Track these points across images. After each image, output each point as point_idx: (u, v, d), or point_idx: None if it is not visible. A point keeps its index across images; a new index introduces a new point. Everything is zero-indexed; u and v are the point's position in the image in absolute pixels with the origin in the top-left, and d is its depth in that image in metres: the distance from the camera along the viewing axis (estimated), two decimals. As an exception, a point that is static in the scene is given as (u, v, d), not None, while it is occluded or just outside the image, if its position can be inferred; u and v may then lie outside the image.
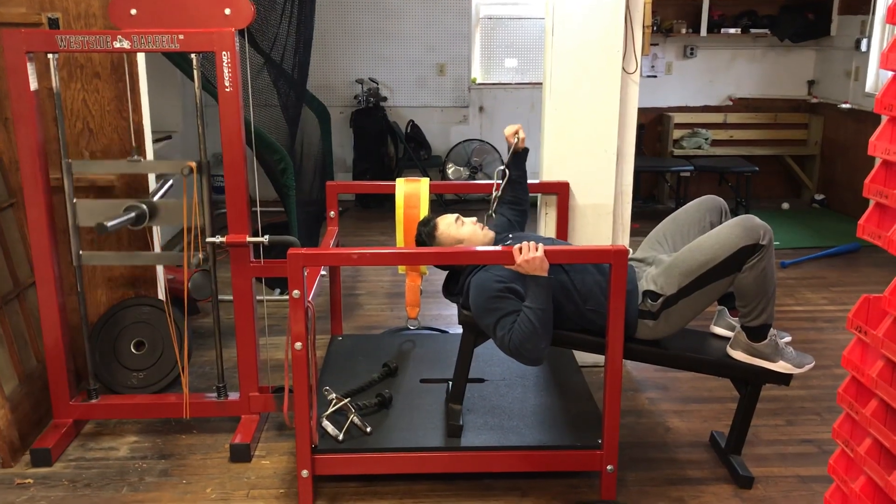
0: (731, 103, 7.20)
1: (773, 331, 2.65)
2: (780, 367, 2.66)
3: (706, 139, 7.03)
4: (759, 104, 7.19)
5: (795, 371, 2.67)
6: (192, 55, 2.84)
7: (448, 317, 4.31)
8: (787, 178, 7.32)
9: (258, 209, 3.07)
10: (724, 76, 7.14)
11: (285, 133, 4.80)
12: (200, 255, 2.94)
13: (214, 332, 3.06)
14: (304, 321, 2.47)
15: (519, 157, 3.16)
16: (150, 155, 3.37)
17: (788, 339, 2.85)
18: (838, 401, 1.59)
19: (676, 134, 7.09)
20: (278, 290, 4.62)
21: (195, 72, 2.84)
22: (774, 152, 7.11)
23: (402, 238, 3.33)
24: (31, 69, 2.79)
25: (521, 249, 2.46)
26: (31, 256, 2.98)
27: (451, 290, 2.86)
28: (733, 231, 2.54)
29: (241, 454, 2.93)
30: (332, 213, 3.52)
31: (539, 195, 3.58)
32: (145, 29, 2.77)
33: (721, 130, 7.14)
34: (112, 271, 3.41)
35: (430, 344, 3.52)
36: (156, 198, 3.10)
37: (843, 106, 6.54)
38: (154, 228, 3.41)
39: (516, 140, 3.10)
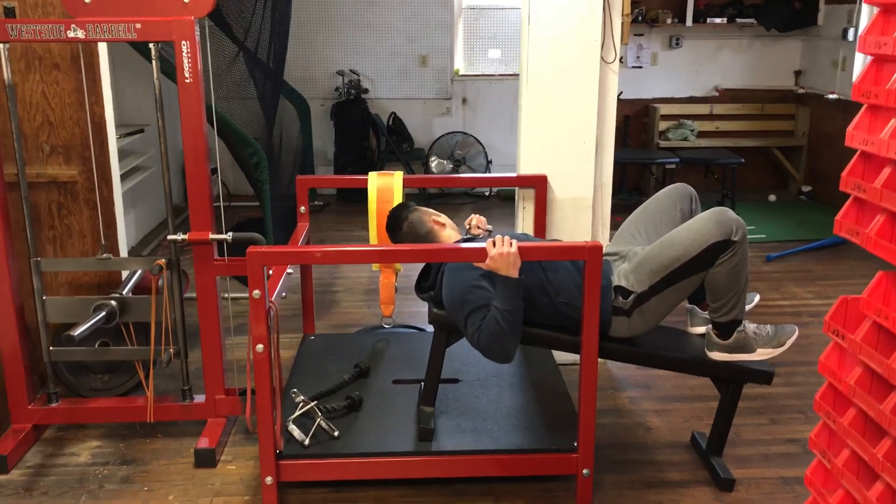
0: (717, 94, 7.12)
1: (741, 325, 2.56)
2: (760, 354, 2.57)
3: (692, 130, 6.95)
4: (746, 95, 7.11)
5: (778, 351, 2.57)
6: (151, 45, 2.73)
7: (425, 314, 4.19)
8: (773, 169, 7.24)
9: (222, 204, 2.95)
10: (710, 67, 7.05)
11: (261, 126, 4.69)
12: (171, 351, 2.88)
13: (179, 332, 2.95)
14: (265, 322, 2.37)
15: None
16: (114, 150, 3.24)
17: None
18: (815, 408, 1.50)
19: (662, 125, 7.00)
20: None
21: (153, 62, 2.73)
22: (761, 144, 7.03)
23: (375, 234, 3.22)
24: (-19, 60, 2.67)
25: (494, 243, 2.37)
26: (-14, 256, 2.87)
27: (423, 285, 2.77)
28: (704, 226, 2.45)
29: (206, 459, 2.83)
30: (303, 208, 3.40)
31: (516, 189, 3.48)
32: (101, 18, 2.65)
33: (707, 122, 7.05)
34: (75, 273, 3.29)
35: (404, 343, 3.42)
36: (126, 290, 3.02)
37: (830, 96, 6.46)
38: (119, 227, 3.29)
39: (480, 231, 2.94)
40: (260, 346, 2.39)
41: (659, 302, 2.54)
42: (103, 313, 2.85)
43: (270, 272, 2.70)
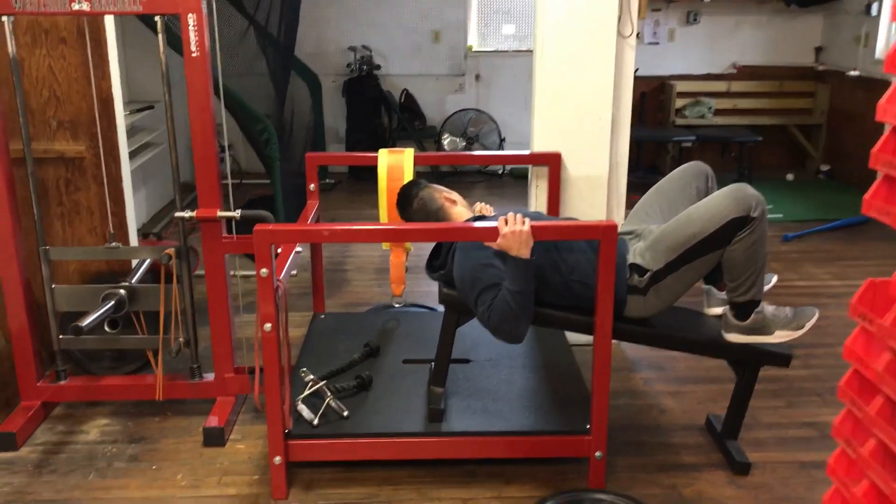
0: (735, 71, 6.99)
1: (759, 306, 2.50)
2: (778, 337, 2.51)
3: (709, 108, 6.84)
4: (764, 72, 6.98)
5: (797, 334, 2.51)
6: (157, 17, 2.67)
7: (435, 293, 4.14)
8: (791, 148, 7.13)
9: (230, 181, 2.91)
10: (728, 43, 6.92)
11: (272, 102, 4.64)
12: (181, 341, 2.86)
13: (187, 310, 2.92)
14: (273, 301, 2.33)
15: None
16: (122, 126, 3.20)
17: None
18: (839, 395, 1.44)
19: (679, 103, 6.89)
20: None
21: (159, 35, 2.68)
22: (779, 122, 6.91)
23: (386, 212, 3.17)
24: (-15, 33, 2.63)
25: (506, 220, 2.31)
26: (-7, 232, 2.84)
27: (434, 264, 2.72)
28: (723, 202, 2.39)
29: (214, 438, 2.81)
30: (313, 185, 3.35)
31: (530, 167, 3.42)
32: (106, -11, 2.60)
33: (725, 99, 6.94)
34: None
35: (415, 322, 3.38)
36: (135, 278, 2.99)
37: (852, 73, 6.33)
38: (127, 204, 3.26)
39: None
40: (268, 325, 2.35)
41: (675, 280, 2.48)
42: (112, 302, 2.82)
43: (279, 250, 2.66)
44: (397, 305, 3.53)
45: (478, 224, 2.46)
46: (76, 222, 3.20)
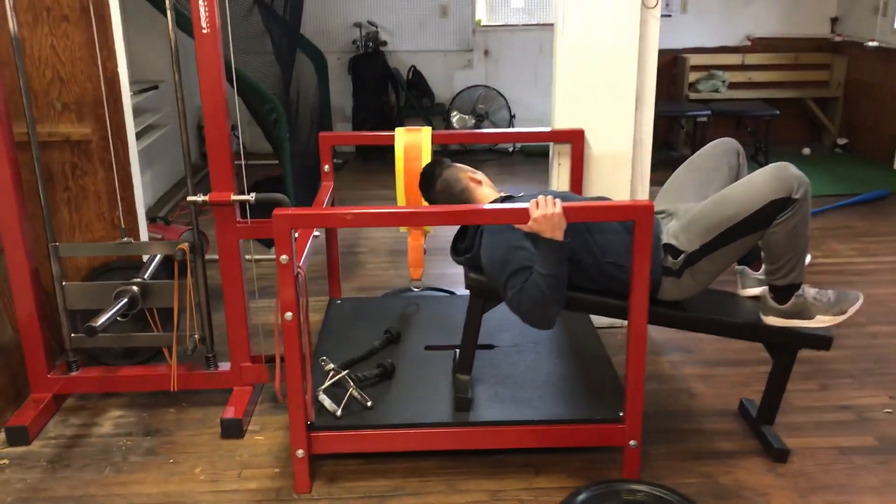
0: (749, 43, 6.84)
1: (799, 289, 2.40)
2: (819, 321, 2.41)
3: (723, 82, 6.70)
4: (780, 44, 6.83)
5: (839, 319, 2.42)
6: (165, -7, 2.55)
7: (455, 276, 4.05)
8: (808, 121, 6.99)
9: (243, 162, 2.79)
10: (742, 14, 6.76)
11: (279, 81, 4.51)
12: (197, 337, 2.76)
13: (201, 296, 2.82)
14: (293, 288, 2.23)
15: None
16: (128, 107, 3.08)
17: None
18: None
19: (692, 77, 6.75)
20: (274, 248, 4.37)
21: (168, 13, 2.56)
22: (795, 95, 6.77)
23: (403, 194, 3.06)
24: (-15, 11, 2.51)
25: (537, 204, 2.20)
26: (-1, 219, 2.73)
27: (459, 248, 2.61)
28: (763, 181, 2.28)
29: (232, 430, 2.72)
30: (327, 167, 3.24)
31: (551, 144, 3.30)
32: (110, -37, 2.48)
33: (739, 72, 6.80)
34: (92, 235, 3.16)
35: (435, 307, 3.28)
36: (147, 274, 2.87)
37: (870, 44, 6.18)
38: (136, 188, 3.15)
39: None
40: (289, 314, 2.25)
41: (710, 262, 2.37)
42: (125, 300, 2.72)
43: (296, 235, 2.55)
44: (416, 290, 3.42)
45: (507, 206, 2.35)
46: (83, 208, 3.09)
